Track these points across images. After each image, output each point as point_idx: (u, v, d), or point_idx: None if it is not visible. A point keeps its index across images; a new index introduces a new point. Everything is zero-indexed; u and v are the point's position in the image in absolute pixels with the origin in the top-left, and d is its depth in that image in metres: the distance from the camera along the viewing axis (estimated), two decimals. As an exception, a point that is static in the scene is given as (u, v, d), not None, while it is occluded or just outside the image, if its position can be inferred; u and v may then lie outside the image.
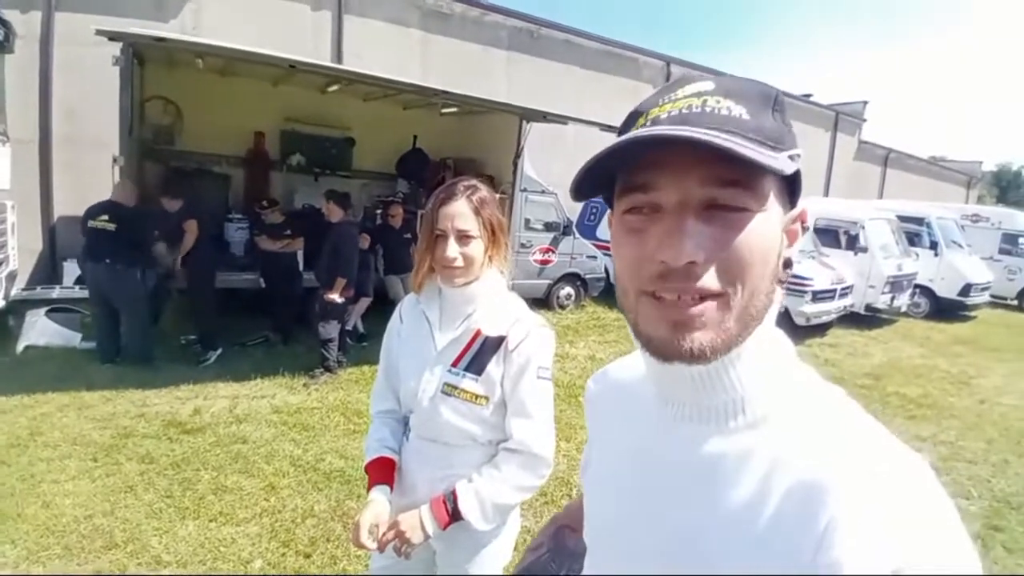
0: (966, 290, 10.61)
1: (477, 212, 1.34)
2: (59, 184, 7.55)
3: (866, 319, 9.38)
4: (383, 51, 9.73)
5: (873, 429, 0.52)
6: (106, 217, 4.88)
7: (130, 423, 4.03)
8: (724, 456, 0.55)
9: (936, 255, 10.70)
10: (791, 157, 0.52)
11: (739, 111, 0.51)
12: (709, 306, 0.51)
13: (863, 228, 9.22)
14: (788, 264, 0.56)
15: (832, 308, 8.35)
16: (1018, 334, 10.06)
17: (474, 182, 1.41)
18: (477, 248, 1.34)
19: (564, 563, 0.86)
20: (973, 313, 11.23)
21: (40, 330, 5.43)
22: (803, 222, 0.57)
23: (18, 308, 5.67)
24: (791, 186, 0.55)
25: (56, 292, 6.20)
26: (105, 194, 5.19)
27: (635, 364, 0.72)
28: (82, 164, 7.33)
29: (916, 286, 10.27)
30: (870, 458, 0.49)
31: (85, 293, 5.50)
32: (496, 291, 1.42)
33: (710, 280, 0.50)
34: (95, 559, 2.67)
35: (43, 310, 5.61)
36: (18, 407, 4.11)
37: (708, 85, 0.53)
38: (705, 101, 0.52)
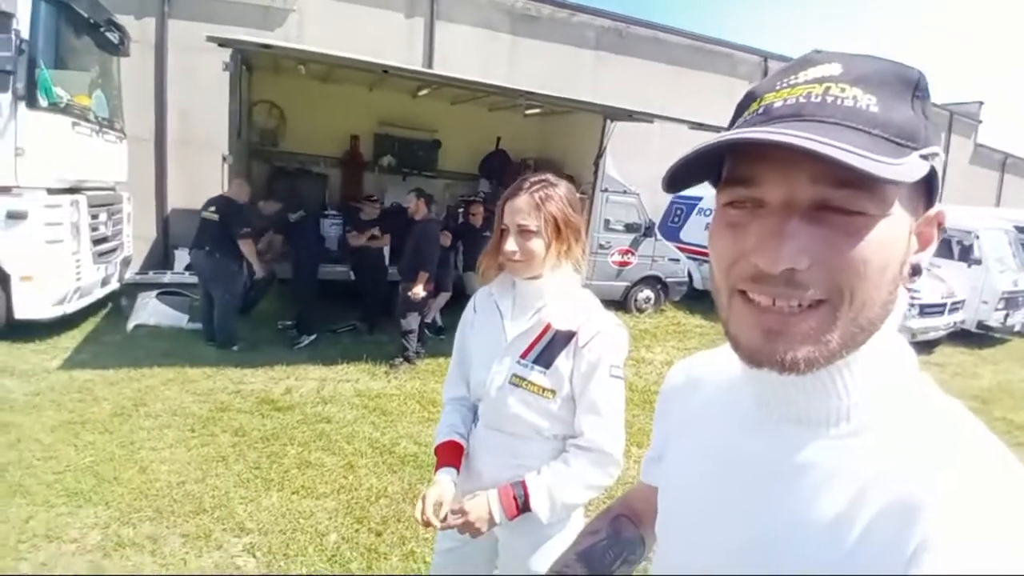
0: (1090, 309, 9.42)
1: (538, 208, 1.34)
2: (173, 179, 8.31)
3: (977, 337, 8.55)
4: (472, 55, 9.97)
5: (988, 448, 0.47)
6: (213, 208, 5.35)
7: (227, 398, 4.36)
8: (822, 462, 0.51)
9: (1056, 270, 9.58)
10: (925, 156, 0.46)
11: (867, 101, 0.45)
12: (810, 316, 0.47)
13: (978, 238, 8.44)
14: (917, 271, 0.51)
15: (941, 324, 7.70)
16: None
17: (547, 177, 1.41)
18: (537, 243, 1.34)
19: (621, 552, 0.85)
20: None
21: (151, 311, 5.93)
22: (940, 224, 0.52)
23: (131, 291, 6.29)
24: (928, 184, 0.49)
25: (167, 277, 6.84)
26: (215, 190, 5.67)
27: (723, 358, 0.68)
28: (194, 162, 7.99)
29: (1033, 303, 9.25)
30: (976, 478, 0.44)
31: (194, 279, 5.99)
32: (569, 287, 1.42)
33: (814, 289, 0.46)
34: (183, 522, 2.85)
35: (154, 293, 6.15)
36: (125, 379, 4.51)
37: (835, 69, 0.48)
38: (828, 89, 0.46)
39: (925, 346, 7.74)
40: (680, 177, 0.52)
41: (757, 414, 0.58)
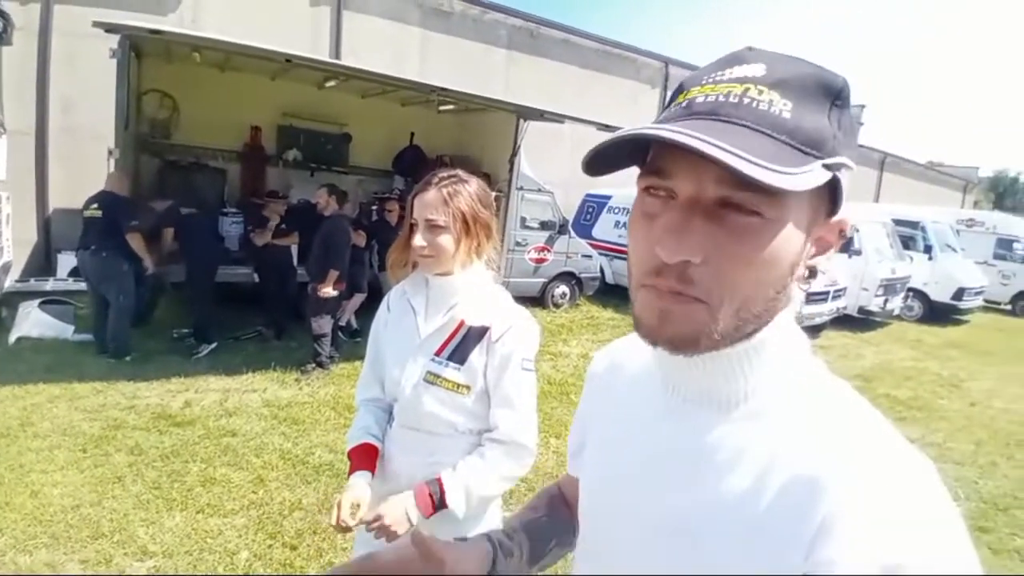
0: (959, 294, 10.65)
1: (446, 202, 1.35)
2: (55, 176, 7.56)
3: (859, 321, 9.41)
4: (382, 48, 9.74)
5: (877, 427, 0.51)
6: (96, 205, 4.92)
7: (120, 415, 4.02)
8: (724, 444, 0.54)
9: (930, 259, 10.74)
10: (829, 166, 0.48)
11: (781, 106, 0.47)
12: (696, 307, 0.50)
13: (857, 231, 9.24)
14: (813, 272, 0.54)
15: (825, 310, 8.38)
16: (1011, 338, 10.12)
17: (457, 173, 1.41)
18: (446, 238, 1.35)
19: (556, 532, 0.85)
20: (966, 317, 11.27)
21: (33, 322, 5.41)
22: (842, 231, 0.54)
23: (11, 300, 5.67)
24: (832, 191, 0.51)
25: (50, 284, 6.19)
26: (100, 187, 5.19)
27: (642, 345, 0.71)
28: (78, 156, 7.33)
29: (909, 289, 10.31)
30: (870, 456, 0.48)
31: (79, 285, 5.50)
32: (481, 284, 1.43)
33: (700, 284, 0.49)
34: (81, 548, 2.67)
35: (36, 302, 5.59)
36: (9, 397, 4.10)
37: (758, 70, 0.49)
38: (747, 90, 0.48)
39: (812, 330, 8.36)
40: (598, 163, 0.53)
41: (666, 398, 0.60)
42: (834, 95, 0.49)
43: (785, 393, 0.55)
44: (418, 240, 1.34)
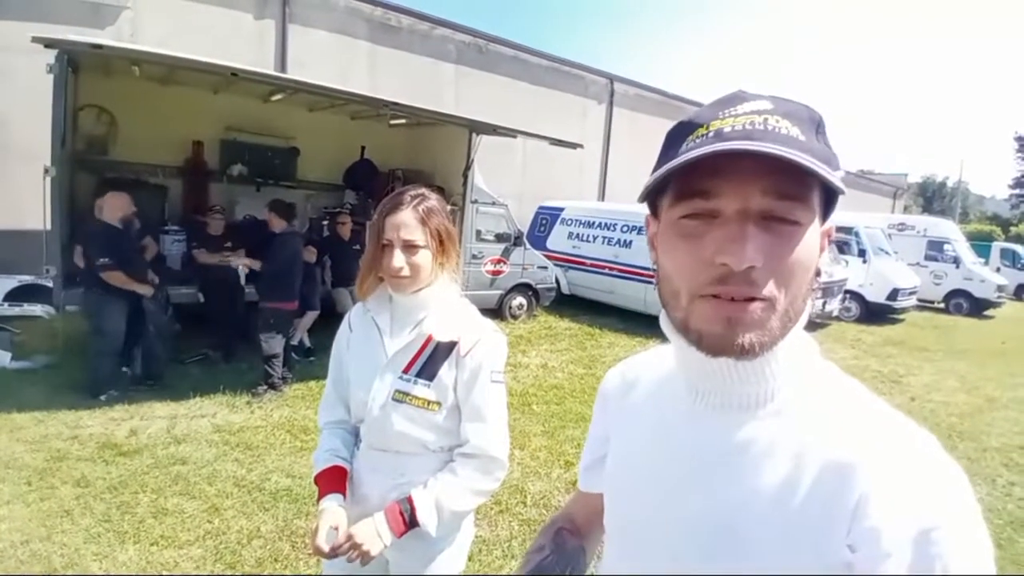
0: (894, 294, 11.19)
1: (424, 222, 1.33)
2: (-12, 196, 7.11)
3: (800, 324, 9.78)
4: (329, 62, 9.62)
5: (886, 412, 0.59)
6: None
7: (63, 445, 3.81)
8: (754, 441, 0.59)
9: (865, 262, 11.26)
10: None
11: (795, 132, 0.54)
12: (757, 307, 0.54)
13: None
14: (818, 272, 0.60)
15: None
16: (945, 335, 10.68)
17: (422, 190, 1.40)
18: (424, 258, 1.34)
19: (567, 566, 0.88)
20: (902, 316, 11.85)
21: (-34, 350, 5.05)
22: (829, 235, 0.62)
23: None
24: (829, 204, 0.59)
25: (-17, 311, 5.81)
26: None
27: (654, 360, 0.77)
28: (12, 176, 6.96)
29: (846, 291, 10.70)
30: (888, 437, 0.55)
31: (15, 311, 5.16)
32: (447, 298, 1.42)
33: (764, 286, 0.54)
34: None
35: (-30, 329, 5.25)
36: (-55, 431, 3.81)
37: (766, 104, 0.56)
38: (766, 120, 0.54)
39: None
40: (653, 191, 0.59)
41: (691, 404, 0.65)
42: (818, 124, 0.57)
43: (804, 391, 0.60)
44: (397, 262, 1.31)
